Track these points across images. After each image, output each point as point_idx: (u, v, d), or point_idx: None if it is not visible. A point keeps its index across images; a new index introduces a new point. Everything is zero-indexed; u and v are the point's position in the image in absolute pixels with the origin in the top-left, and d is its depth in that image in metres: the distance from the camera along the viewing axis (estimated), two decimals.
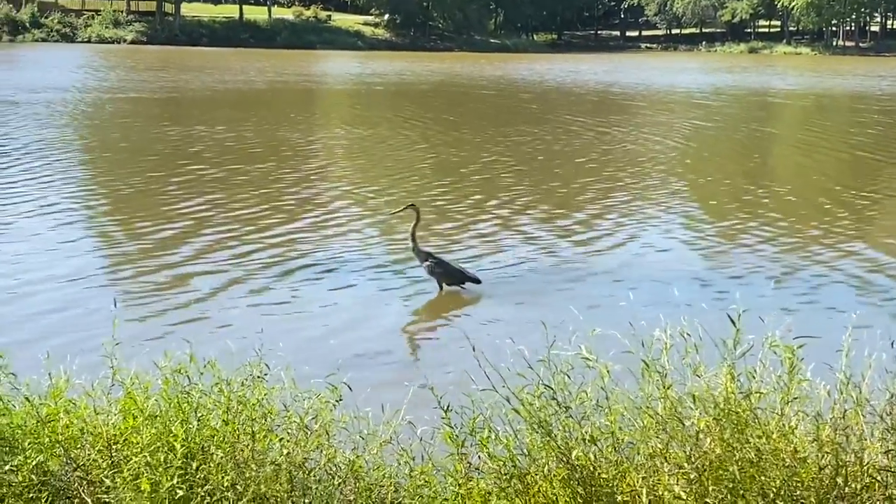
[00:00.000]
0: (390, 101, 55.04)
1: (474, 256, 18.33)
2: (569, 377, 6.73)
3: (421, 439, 6.94)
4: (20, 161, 28.05)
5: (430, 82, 68.92)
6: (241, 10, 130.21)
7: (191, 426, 6.55)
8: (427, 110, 49.52)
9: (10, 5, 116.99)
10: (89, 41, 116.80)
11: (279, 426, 6.89)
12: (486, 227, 21.12)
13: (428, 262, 16.11)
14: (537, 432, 6.57)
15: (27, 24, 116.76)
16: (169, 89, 57.16)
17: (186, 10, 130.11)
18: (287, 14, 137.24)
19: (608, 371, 6.72)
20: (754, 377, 6.49)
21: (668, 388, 6.56)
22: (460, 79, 76.35)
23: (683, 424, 6.41)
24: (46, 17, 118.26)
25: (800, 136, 43.39)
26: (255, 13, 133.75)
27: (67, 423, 6.58)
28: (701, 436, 6.35)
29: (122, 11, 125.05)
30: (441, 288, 16.05)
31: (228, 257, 17.74)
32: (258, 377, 7.05)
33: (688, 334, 6.79)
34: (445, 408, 6.67)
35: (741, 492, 6.11)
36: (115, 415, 6.73)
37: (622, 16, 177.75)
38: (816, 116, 54.51)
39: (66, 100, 47.96)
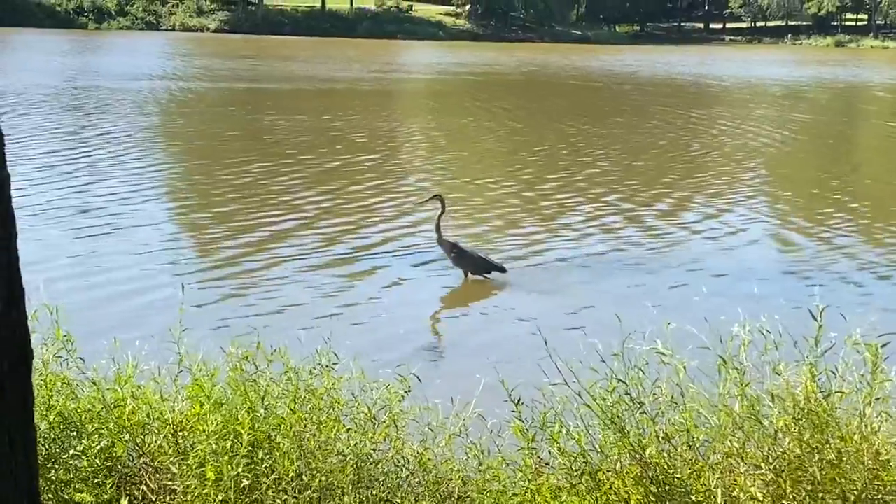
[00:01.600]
0: (487, 92, 54.41)
1: (543, 247, 18.14)
2: (643, 372, 6.56)
3: (491, 432, 6.80)
4: (110, 148, 28.29)
5: (522, 73, 68.15)
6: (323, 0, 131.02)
7: (258, 414, 6.47)
8: (526, 100, 49.12)
9: None
10: (173, 29, 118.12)
11: (347, 416, 6.79)
12: (570, 218, 20.95)
13: (453, 254, 16.02)
14: (610, 428, 6.40)
15: (112, 12, 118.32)
16: (264, 78, 57.26)
17: None
18: (369, 4, 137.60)
19: (684, 367, 6.53)
20: (836, 376, 6.25)
21: (746, 386, 6.35)
22: (553, 69, 75.68)
23: (761, 424, 6.20)
24: (131, 5, 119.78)
25: None
26: (337, 3, 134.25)
27: (134, 408, 6.53)
28: (779, 436, 6.13)
29: (205, 0, 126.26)
30: (466, 276, 15.98)
31: (299, 247, 17.74)
32: (327, 366, 6.95)
33: (767, 331, 6.58)
34: (516, 401, 6.52)
35: (820, 494, 5.89)
36: (183, 401, 6.68)
37: (706, 7, 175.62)
38: None
39: (166, 88, 48.48)
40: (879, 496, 5.88)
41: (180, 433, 6.50)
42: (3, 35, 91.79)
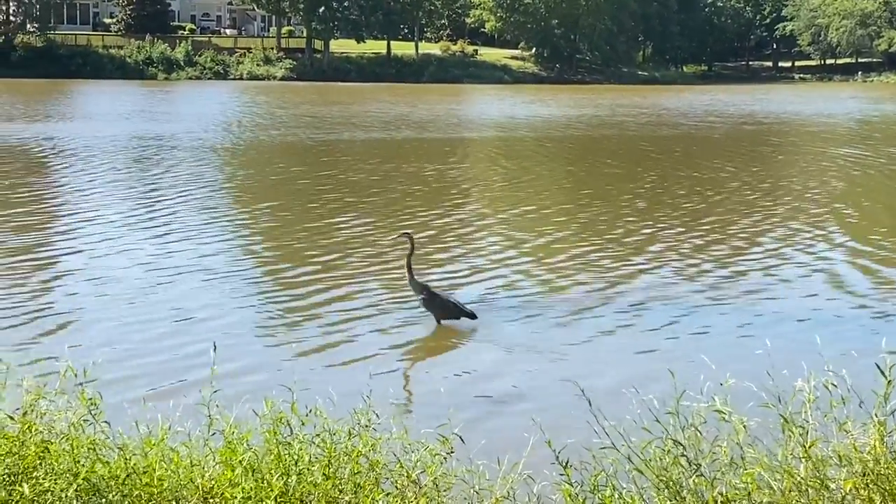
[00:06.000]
0: (580, 149, 53.35)
1: (590, 293, 17.66)
2: (699, 431, 6.17)
3: (538, 497, 6.43)
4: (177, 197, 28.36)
5: (610, 124, 65.94)
6: (388, 45, 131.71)
7: (290, 480, 6.16)
8: (606, 157, 48.45)
9: (166, 44, 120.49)
10: (241, 78, 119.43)
11: (387, 479, 6.46)
12: (618, 263, 20.42)
13: (423, 295, 15.44)
14: (664, 492, 6.01)
15: (181, 62, 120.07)
16: (332, 125, 57.30)
17: (333, 46, 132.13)
18: (434, 49, 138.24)
19: (744, 426, 6.15)
20: None
21: (811, 447, 5.94)
22: (648, 114, 74.24)
23: (827, 488, 5.78)
24: (200, 56, 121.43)
25: None
26: (402, 49, 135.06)
27: (161, 475, 6.24)
28: (847, 500, 5.71)
29: (272, 49, 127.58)
30: (438, 322, 15.39)
31: (335, 300, 16.96)
32: (365, 426, 6.64)
33: (833, 385, 6.18)
34: (565, 463, 6.16)
35: None
36: (214, 466, 6.39)
37: (774, 46, 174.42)
38: None
39: (230, 137, 48.77)
40: None
41: (210, 500, 6.20)
42: (78, 86, 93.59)
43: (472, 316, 15.43)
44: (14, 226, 23.28)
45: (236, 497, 6.06)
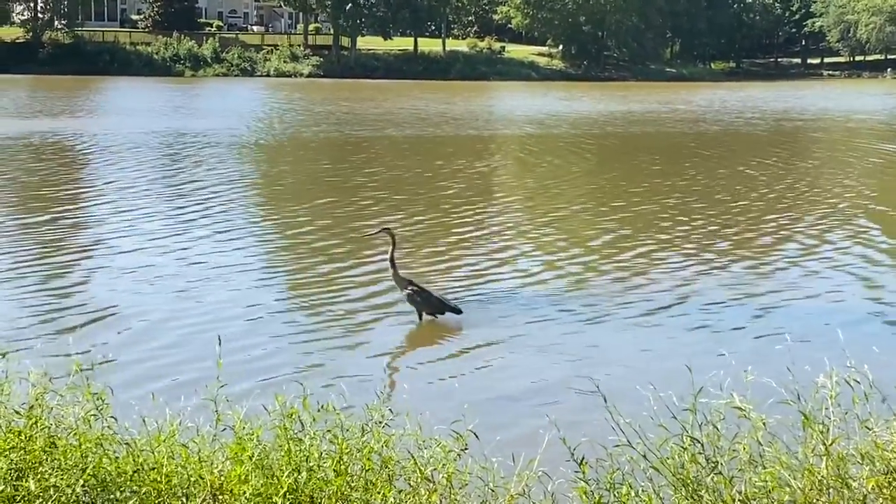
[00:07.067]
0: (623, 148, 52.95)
1: (608, 290, 17.49)
2: (718, 429, 6.04)
3: (553, 495, 6.31)
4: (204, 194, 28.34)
5: (648, 120, 65.17)
6: (415, 42, 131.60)
7: (300, 476, 6.06)
8: (649, 154, 47.95)
9: (193, 41, 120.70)
10: (268, 75, 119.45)
11: (400, 476, 6.35)
12: (639, 259, 20.23)
13: (408, 290, 15.27)
14: (682, 491, 5.88)
15: (208, 59, 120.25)
16: (358, 122, 57.14)
17: (359, 43, 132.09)
18: (461, 46, 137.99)
19: (763, 423, 6.01)
20: None
21: (832, 444, 5.80)
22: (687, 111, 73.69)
23: (849, 486, 5.64)
24: (227, 53, 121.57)
25: None
26: (429, 45, 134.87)
27: (169, 471, 6.15)
28: (869, 499, 5.57)
29: (299, 46, 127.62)
30: (420, 318, 15.24)
31: (358, 298, 16.79)
32: (378, 422, 6.53)
33: (855, 381, 6.05)
34: (580, 461, 6.03)
35: None
36: (223, 461, 6.28)
37: (803, 43, 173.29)
38: None
39: (259, 134, 48.71)
40: None
41: (219, 496, 6.10)
42: (108, 83, 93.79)
43: (457, 311, 15.28)
44: (56, 220, 23.46)
45: (245, 493, 5.96)
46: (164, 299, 16.41)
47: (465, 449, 6.43)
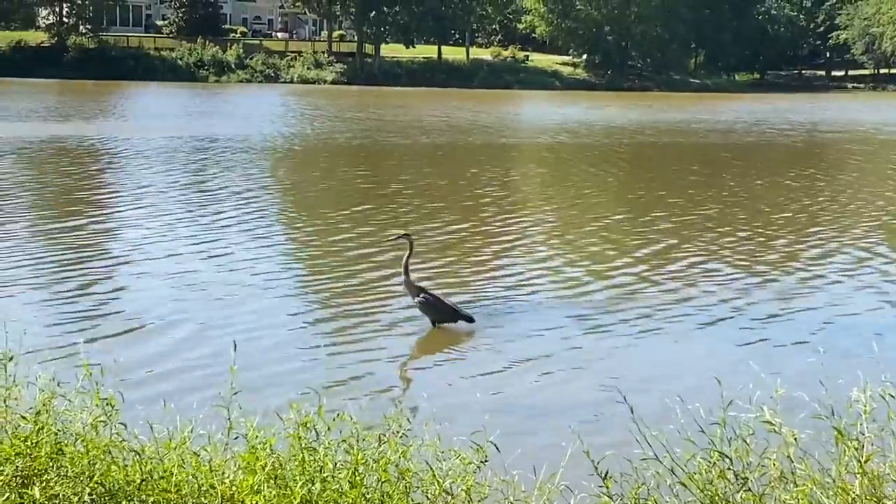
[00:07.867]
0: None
1: (634, 300, 17.24)
2: (748, 444, 5.83)
3: None
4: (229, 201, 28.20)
5: (678, 130, 64.32)
6: (439, 50, 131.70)
7: (314, 487, 5.87)
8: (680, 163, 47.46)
9: (217, 47, 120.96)
10: (291, 81, 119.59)
11: (417, 489, 6.15)
12: (670, 267, 19.96)
13: (420, 298, 15.07)
14: None
15: (232, 65, 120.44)
16: (383, 130, 56.87)
17: (383, 50, 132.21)
18: (485, 55, 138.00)
19: (795, 438, 5.81)
20: None
21: (867, 461, 5.59)
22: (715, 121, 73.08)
23: None
24: (251, 59, 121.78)
25: None
26: (453, 53, 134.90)
27: (179, 480, 5.96)
28: None
29: (323, 52, 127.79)
30: (434, 325, 15.05)
31: (376, 308, 16.51)
32: (396, 433, 6.34)
33: (891, 395, 5.84)
34: (604, 475, 5.84)
35: None
36: (235, 471, 6.10)
37: (827, 55, 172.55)
38: None
39: (282, 139, 48.67)
40: None
41: None
42: (133, 88, 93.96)
43: (470, 319, 15.10)
44: (90, 225, 23.49)
45: None
46: (202, 305, 16.24)
47: (486, 461, 6.23)
